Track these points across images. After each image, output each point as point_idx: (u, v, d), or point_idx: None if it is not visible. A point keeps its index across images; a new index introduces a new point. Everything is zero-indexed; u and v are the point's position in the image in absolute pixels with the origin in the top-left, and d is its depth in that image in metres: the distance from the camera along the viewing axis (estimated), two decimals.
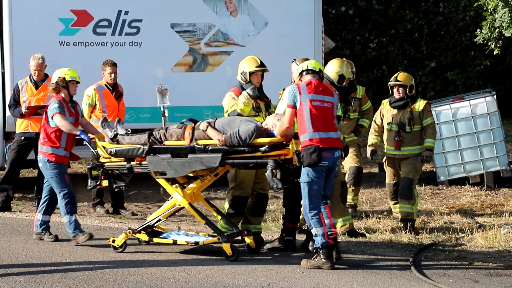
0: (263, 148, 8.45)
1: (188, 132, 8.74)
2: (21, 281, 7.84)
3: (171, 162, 8.71)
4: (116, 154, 9.01)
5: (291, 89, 8.47)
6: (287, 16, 13.91)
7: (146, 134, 8.94)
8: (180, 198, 8.95)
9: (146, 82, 13.47)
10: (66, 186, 9.40)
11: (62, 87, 9.48)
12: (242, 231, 9.13)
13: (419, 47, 22.92)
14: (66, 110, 9.43)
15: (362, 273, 8.31)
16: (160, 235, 9.18)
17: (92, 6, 13.14)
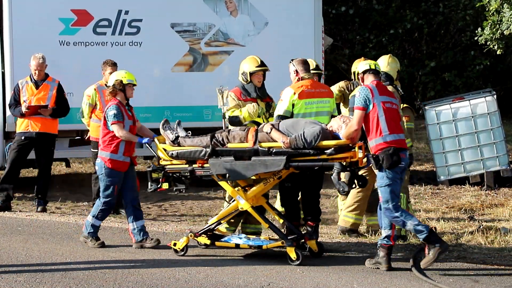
0: (328, 151, 8.29)
1: (251, 135, 8.60)
2: (21, 280, 7.84)
3: (234, 165, 8.56)
4: (177, 156, 8.83)
5: (361, 91, 8.32)
6: (287, 16, 13.92)
7: (208, 136, 8.80)
8: (243, 201, 8.78)
9: (146, 82, 13.47)
10: (110, 196, 9.23)
11: (119, 90, 9.35)
12: (304, 235, 8.93)
13: (419, 47, 22.95)
14: (124, 113, 9.27)
15: (362, 273, 8.31)
16: (220, 238, 9.03)
17: (92, 6, 13.14)
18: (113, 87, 9.32)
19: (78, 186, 13.74)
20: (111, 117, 9.16)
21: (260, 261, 8.79)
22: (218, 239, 8.99)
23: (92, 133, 11.56)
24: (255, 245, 8.84)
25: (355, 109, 8.33)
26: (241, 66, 9.61)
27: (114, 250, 9.20)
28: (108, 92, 9.37)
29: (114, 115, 9.15)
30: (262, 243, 8.83)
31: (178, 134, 8.97)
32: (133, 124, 9.41)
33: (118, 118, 9.15)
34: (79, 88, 12.28)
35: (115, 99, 9.31)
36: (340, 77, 18.19)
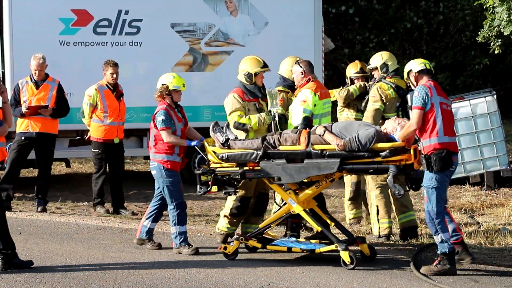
0: (383, 153, 8.21)
1: (304, 137, 8.51)
2: (21, 280, 7.84)
3: (286, 168, 8.47)
4: (227, 159, 8.73)
5: (420, 90, 8.24)
6: (287, 16, 13.92)
7: (259, 139, 8.70)
8: (295, 205, 8.67)
9: (146, 82, 13.48)
10: (179, 196, 9.14)
11: (166, 95, 9.17)
12: (356, 238, 8.81)
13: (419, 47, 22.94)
14: (174, 116, 9.12)
15: (362, 273, 8.31)
16: (271, 242, 8.93)
17: (92, 6, 13.15)
18: (160, 92, 9.18)
19: (78, 186, 13.74)
20: (159, 123, 9.01)
21: (260, 261, 8.79)
22: (269, 243, 8.88)
23: (93, 133, 11.57)
24: (307, 248, 8.69)
25: (414, 108, 8.20)
26: (243, 66, 9.60)
27: (114, 250, 9.20)
28: (156, 96, 9.20)
29: (163, 121, 9.00)
30: (314, 246, 8.67)
31: (228, 137, 8.85)
32: (184, 126, 9.26)
33: (166, 124, 9.00)
34: (79, 88, 12.29)
35: (164, 102, 9.16)
36: (340, 77, 18.20)
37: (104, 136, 11.53)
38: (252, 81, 9.53)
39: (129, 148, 13.24)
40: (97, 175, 11.59)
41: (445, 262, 8.19)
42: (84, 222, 10.85)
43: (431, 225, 8.26)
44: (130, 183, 13.84)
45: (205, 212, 11.89)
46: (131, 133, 13.39)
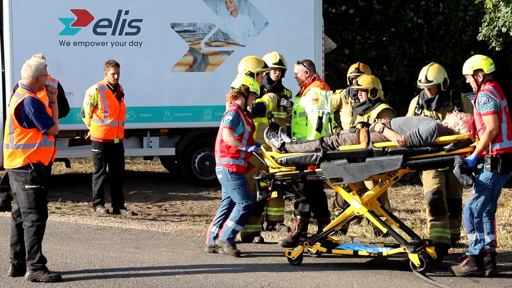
0: (448, 146, 8.09)
1: (363, 135, 8.36)
2: (21, 280, 7.84)
3: (347, 168, 8.34)
4: (287, 163, 8.61)
5: (486, 94, 8.17)
6: (287, 16, 13.92)
7: (317, 141, 8.56)
8: (359, 206, 8.53)
9: (146, 82, 13.49)
10: (248, 197, 8.97)
11: (241, 95, 9.04)
12: (424, 241, 8.59)
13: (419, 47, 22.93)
14: (243, 119, 8.99)
15: (362, 273, 8.32)
16: (335, 246, 8.78)
17: (93, 6, 13.14)
18: (238, 90, 9.06)
19: (78, 186, 13.74)
20: (226, 121, 8.91)
21: (260, 261, 8.79)
22: (334, 247, 8.74)
23: (93, 133, 11.57)
24: (374, 252, 8.55)
25: (489, 114, 8.07)
26: (244, 66, 9.68)
27: (114, 250, 9.20)
28: (230, 95, 9.08)
29: (229, 121, 8.88)
30: (381, 249, 8.54)
31: (284, 141, 8.73)
32: (252, 130, 9.14)
33: (231, 125, 8.86)
34: (79, 88, 12.30)
35: (234, 104, 9.03)
36: (340, 77, 18.21)
37: (104, 136, 11.54)
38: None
39: (129, 148, 13.25)
40: (97, 175, 11.59)
41: (473, 264, 8.14)
42: (84, 222, 10.84)
43: (469, 222, 8.18)
44: (130, 183, 13.85)
45: (205, 212, 11.89)
46: (131, 133, 13.40)
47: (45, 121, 7.78)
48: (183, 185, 13.95)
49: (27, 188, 7.75)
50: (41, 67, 7.94)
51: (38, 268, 7.77)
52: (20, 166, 7.74)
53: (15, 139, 7.75)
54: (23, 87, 7.89)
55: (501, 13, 12.07)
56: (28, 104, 7.72)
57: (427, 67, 9.11)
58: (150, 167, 16.63)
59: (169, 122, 13.59)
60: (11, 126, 7.81)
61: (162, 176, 15.52)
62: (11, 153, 7.79)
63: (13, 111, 7.77)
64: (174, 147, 13.76)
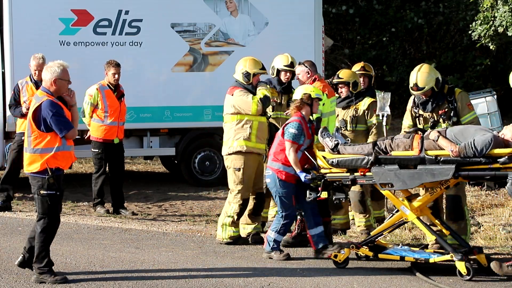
0: (502, 159, 7.87)
1: (417, 142, 8.24)
2: (21, 280, 7.84)
3: (398, 174, 8.21)
4: (338, 164, 8.52)
5: None
6: (287, 16, 13.92)
7: (370, 144, 8.47)
8: (408, 212, 8.39)
9: (146, 82, 13.49)
10: (290, 208, 8.88)
11: (306, 104, 8.95)
12: (473, 248, 8.43)
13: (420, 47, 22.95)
14: (305, 131, 8.85)
15: (362, 273, 8.32)
16: (383, 250, 8.63)
17: (93, 6, 13.14)
18: (301, 101, 8.97)
19: (78, 186, 13.74)
20: (289, 134, 8.77)
21: (260, 261, 8.79)
22: (381, 251, 8.59)
23: (93, 132, 11.57)
24: (421, 258, 8.37)
25: None
26: (241, 66, 9.70)
27: (114, 250, 9.20)
28: (294, 106, 8.97)
29: (293, 135, 8.76)
30: (428, 256, 8.37)
31: (338, 141, 8.63)
32: (311, 143, 8.93)
33: (294, 138, 8.74)
34: (79, 88, 12.14)
35: (299, 114, 8.91)
36: None
37: (104, 136, 11.53)
38: (249, 81, 9.64)
39: (129, 148, 13.25)
40: (97, 175, 11.59)
41: None
42: (84, 222, 10.84)
43: None
44: (130, 183, 13.85)
45: (205, 212, 11.89)
46: (131, 133, 13.40)
47: (63, 125, 7.67)
48: (183, 185, 13.95)
49: (42, 193, 7.70)
50: (58, 70, 7.85)
51: (45, 271, 7.76)
52: (37, 170, 7.69)
53: (32, 143, 7.70)
54: (42, 90, 7.86)
55: (499, 12, 12.05)
56: (46, 107, 7.64)
57: (415, 73, 8.91)
58: (150, 167, 16.63)
59: (169, 122, 13.59)
60: (29, 129, 7.75)
61: (162, 176, 15.52)
62: (29, 157, 7.74)
63: (31, 115, 7.71)
64: (174, 147, 13.76)
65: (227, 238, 9.51)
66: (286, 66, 10.06)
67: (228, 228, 9.49)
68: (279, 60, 10.14)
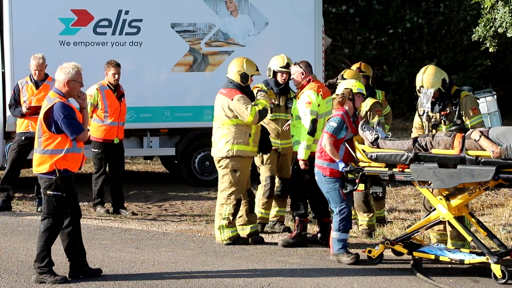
0: None
1: (458, 141, 8.10)
2: (21, 280, 7.84)
3: (437, 172, 8.10)
4: (376, 159, 8.45)
5: None
6: (287, 16, 13.92)
7: (411, 140, 8.37)
8: (445, 211, 8.29)
9: (146, 82, 13.49)
10: (342, 201, 8.73)
11: (348, 99, 8.88)
12: (510, 251, 8.29)
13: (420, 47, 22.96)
14: (348, 125, 8.77)
15: (362, 273, 8.31)
16: (418, 248, 8.55)
17: (93, 6, 13.14)
18: (342, 95, 8.89)
19: (78, 186, 13.69)
20: (329, 127, 8.72)
21: (260, 261, 8.79)
22: (415, 249, 8.51)
23: (93, 132, 11.56)
24: (456, 258, 8.25)
25: None
26: (238, 67, 9.70)
27: (114, 250, 9.20)
28: (337, 102, 8.92)
29: (333, 128, 8.68)
30: (464, 257, 8.25)
31: (378, 135, 8.55)
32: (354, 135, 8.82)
33: (333, 132, 8.66)
34: None
35: (342, 109, 8.86)
36: None
37: (104, 136, 11.53)
38: (247, 82, 9.62)
39: (129, 148, 13.25)
40: (97, 175, 11.59)
41: None
42: (84, 222, 10.80)
43: None
44: (130, 183, 13.85)
45: (205, 212, 11.89)
46: (131, 133, 13.40)
47: (74, 127, 7.69)
48: (183, 185, 13.95)
49: (49, 194, 7.72)
50: (72, 71, 7.88)
51: (45, 271, 7.76)
52: (46, 171, 7.70)
53: (42, 144, 7.70)
54: (54, 91, 7.86)
55: (499, 13, 12.05)
56: (58, 109, 7.65)
57: (421, 75, 8.90)
58: (150, 167, 16.63)
59: (169, 122, 13.59)
60: (39, 130, 7.76)
61: (162, 176, 15.52)
62: (39, 158, 7.75)
63: (42, 116, 7.71)
64: (174, 147, 13.76)
65: (226, 239, 9.50)
66: (282, 68, 10.06)
67: (225, 229, 9.49)
68: (275, 62, 10.15)
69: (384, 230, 10.35)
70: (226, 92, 9.56)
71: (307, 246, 9.33)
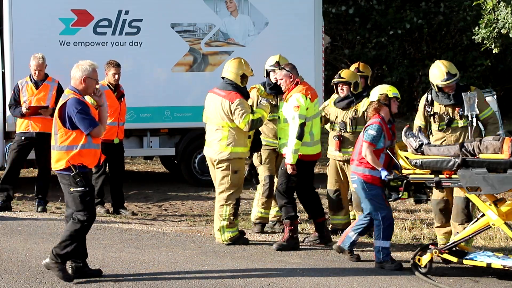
0: None
1: (507, 145, 7.96)
2: (21, 280, 7.84)
3: (487, 177, 7.91)
4: (421, 165, 8.29)
5: None
6: (287, 16, 13.92)
7: (457, 146, 8.25)
8: (495, 217, 8.13)
9: (146, 82, 13.49)
10: (384, 209, 8.58)
11: (383, 105, 8.72)
12: None
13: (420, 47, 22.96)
14: (385, 133, 8.62)
15: (362, 273, 8.32)
16: (465, 255, 8.36)
17: (93, 6, 13.14)
18: (378, 102, 8.74)
19: None
20: (368, 135, 8.54)
21: (260, 261, 8.79)
22: (464, 256, 8.32)
23: None
24: (509, 265, 8.02)
25: None
26: (239, 69, 9.60)
27: (114, 250, 9.20)
28: (373, 108, 8.77)
29: (372, 137, 8.52)
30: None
31: (422, 142, 8.43)
32: (391, 144, 8.74)
33: (372, 140, 8.51)
34: None
35: (378, 116, 8.70)
36: None
37: (104, 136, 11.47)
38: (245, 83, 9.64)
39: (129, 148, 13.25)
40: (97, 175, 11.58)
41: None
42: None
43: None
44: (130, 183, 13.85)
45: (205, 212, 11.89)
46: (131, 133, 13.40)
47: (88, 122, 7.67)
48: (183, 185, 13.95)
49: (72, 191, 7.69)
50: (89, 68, 7.86)
51: (58, 262, 7.71)
52: (63, 168, 7.68)
53: (58, 140, 7.70)
54: (69, 88, 7.85)
55: (501, 14, 12.05)
56: (71, 105, 7.65)
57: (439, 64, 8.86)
58: (150, 167, 16.63)
59: (169, 122, 13.59)
60: (55, 127, 7.76)
61: (162, 176, 15.52)
62: (56, 154, 7.74)
63: (56, 112, 7.70)
64: (174, 147, 13.76)
65: (227, 240, 9.50)
66: (270, 66, 9.99)
67: (226, 230, 9.48)
68: (267, 61, 10.12)
69: None
70: (225, 94, 9.47)
71: (300, 249, 9.30)
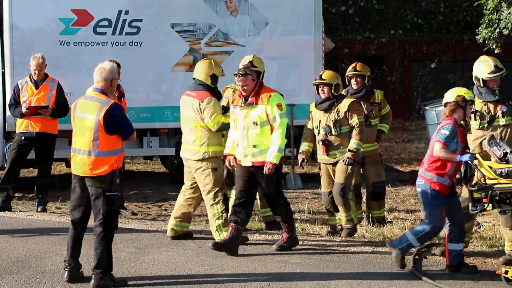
0: None
1: None
2: (21, 280, 7.84)
3: None
4: (507, 175, 8.07)
5: None
6: (287, 16, 13.93)
7: None
8: None
9: (146, 82, 13.50)
10: (438, 220, 8.38)
11: (459, 107, 8.46)
12: None
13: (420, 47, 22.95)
14: (458, 135, 8.39)
15: (362, 273, 8.32)
16: None
17: (93, 6, 13.15)
18: (456, 103, 8.48)
19: None
20: (441, 135, 8.30)
21: (260, 261, 8.79)
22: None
23: None
24: None
25: None
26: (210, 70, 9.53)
27: (115, 250, 9.15)
28: (449, 110, 8.49)
29: (445, 136, 8.27)
30: None
31: (507, 151, 8.22)
32: (465, 147, 8.54)
33: (446, 140, 8.28)
34: (79, 88, 12.26)
35: (451, 118, 8.45)
36: None
37: None
38: (216, 83, 9.56)
39: (129, 148, 13.24)
40: None
41: None
42: None
43: None
44: (130, 183, 13.85)
45: (205, 212, 11.85)
46: None
47: (130, 128, 7.73)
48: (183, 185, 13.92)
49: (108, 195, 7.64)
50: (115, 70, 7.80)
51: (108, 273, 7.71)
52: (106, 173, 7.60)
53: (99, 146, 7.61)
54: (97, 91, 7.72)
55: (503, 14, 12.05)
56: (117, 110, 7.62)
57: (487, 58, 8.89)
58: (150, 167, 16.63)
59: (169, 122, 13.59)
60: (96, 132, 7.58)
61: (162, 176, 15.51)
62: (94, 160, 7.60)
63: (101, 117, 7.54)
64: (174, 147, 13.76)
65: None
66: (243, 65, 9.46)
67: (223, 229, 9.47)
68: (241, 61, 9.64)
69: (384, 230, 10.35)
70: (196, 94, 9.45)
71: (300, 249, 9.28)
